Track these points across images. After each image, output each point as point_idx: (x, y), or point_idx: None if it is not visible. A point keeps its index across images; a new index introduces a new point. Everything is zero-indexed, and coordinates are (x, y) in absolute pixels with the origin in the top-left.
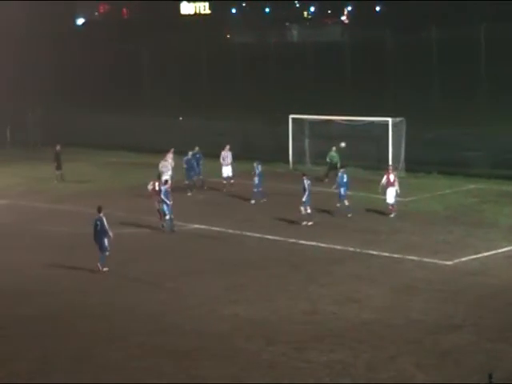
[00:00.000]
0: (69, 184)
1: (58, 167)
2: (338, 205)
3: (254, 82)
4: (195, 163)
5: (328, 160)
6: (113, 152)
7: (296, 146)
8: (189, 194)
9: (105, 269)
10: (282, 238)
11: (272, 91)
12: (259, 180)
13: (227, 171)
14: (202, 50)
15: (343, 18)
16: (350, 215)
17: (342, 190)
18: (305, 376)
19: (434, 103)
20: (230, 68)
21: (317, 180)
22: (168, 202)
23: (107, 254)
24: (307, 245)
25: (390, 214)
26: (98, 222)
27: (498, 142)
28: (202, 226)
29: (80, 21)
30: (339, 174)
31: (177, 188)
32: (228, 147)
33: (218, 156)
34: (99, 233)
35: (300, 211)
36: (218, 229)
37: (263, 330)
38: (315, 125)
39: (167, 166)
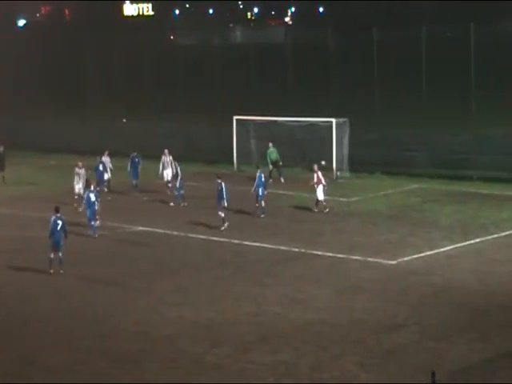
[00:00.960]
0: (10, 187)
1: (1, 168)
2: (257, 205)
3: (197, 84)
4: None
5: (268, 159)
6: (54, 155)
7: (240, 148)
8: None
9: (52, 271)
10: (226, 240)
11: (216, 92)
12: (180, 183)
13: (167, 174)
14: (146, 51)
15: (287, 19)
16: (263, 216)
17: (260, 191)
18: (250, 377)
19: (376, 104)
20: (174, 70)
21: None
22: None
23: (61, 254)
24: (251, 246)
25: (325, 210)
26: (59, 222)
27: (439, 142)
28: (146, 229)
29: (21, 22)
30: (257, 174)
31: (117, 189)
32: (167, 151)
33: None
34: (58, 232)
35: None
36: (162, 231)
37: (208, 332)
38: (260, 126)
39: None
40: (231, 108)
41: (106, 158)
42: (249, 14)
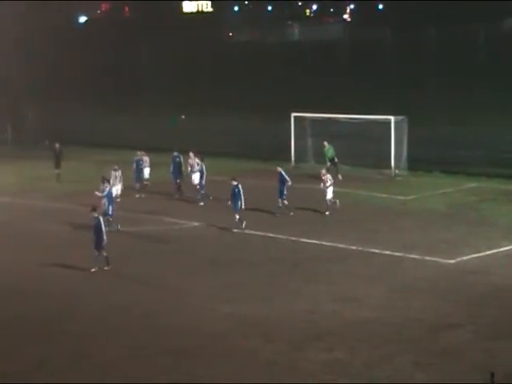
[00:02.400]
0: (66, 182)
1: (57, 166)
2: (280, 204)
3: (255, 81)
4: (174, 166)
5: (326, 157)
6: (111, 151)
7: (298, 145)
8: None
9: (93, 269)
10: (283, 236)
11: (273, 89)
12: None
13: (196, 178)
14: (204, 48)
15: (345, 16)
16: (278, 215)
17: (284, 189)
18: (303, 375)
19: (434, 102)
20: (232, 66)
21: (318, 178)
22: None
23: (105, 254)
24: (308, 243)
25: (326, 211)
26: (97, 222)
27: (497, 141)
28: (203, 224)
29: (82, 19)
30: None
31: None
32: (192, 155)
33: (218, 154)
34: (98, 231)
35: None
36: (219, 226)
37: (261, 329)
38: (317, 123)
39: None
40: (289, 105)
41: (145, 157)
42: (307, 11)
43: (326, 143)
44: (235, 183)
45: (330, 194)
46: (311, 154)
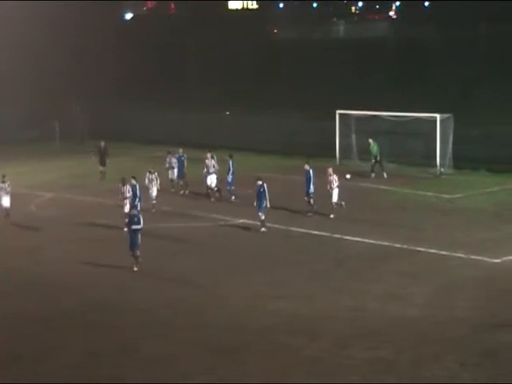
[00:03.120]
0: (113, 178)
1: (102, 164)
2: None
3: (300, 78)
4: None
5: (372, 154)
6: (158, 147)
7: (342, 142)
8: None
9: (135, 268)
10: (327, 234)
11: (318, 87)
12: (232, 178)
13: (211, 180)
14: (249, 45)
15: (391, 13)
16: (310, 214)
17: (311, 187)
18: (347, 373)
19: (481, 100)
20: (277, 63)
21: (363, 176)
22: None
23: (138, 253)
24: (353, 241)
25: (331, 214)
26: (136, 219)
27: None
28: (249, 221)
29: (128, 16)
30: (307, 169)
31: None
32: (209, 155)
33: (262, 152)
34: (135, 230)
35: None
36: (270, 224)
37: (306, 326)
38: (362, 120)
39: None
40: (333, 102)
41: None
42: (352, 8)
43: (371, 140)
44: (260, 183)
45: (335, 197)
46: (356, 151)
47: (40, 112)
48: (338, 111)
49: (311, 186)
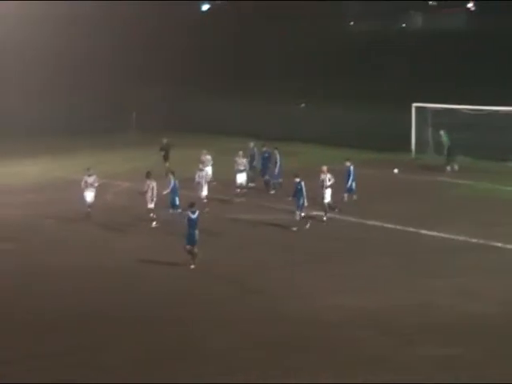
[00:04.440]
0: (191, 169)
1: (166, 159)
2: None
3: (374, 70)
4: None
5: (445, 147)
6: (234, 139)
7: (418, 135)
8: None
9: (192, 266)
10: (401, 227)
11: (394, 79)
12: (279, 171)
13: (241, 178)
14: (324, 36)
15: (469, 5)
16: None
17: (351, 184)
18: (415, 370)
19: None
20: (352, 55)
21: (437, 170)
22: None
23: (196, 250)
24: (427, 235)
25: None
26: (193, 216)
27: None
28: (319, 213)
29: (205, 7)
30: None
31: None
32: (241, 153)
33: (336, 144)
34: (192, 226)
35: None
36: (336, 216)
37: (373, 321)
38: (438, 113)
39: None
40: (409, 95)
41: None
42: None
43: (442, 132)
44: (298, 180)
45: (328, 197)
46: (432, 145)
47: (116, 103)
48: (414, 104)
49: (350, 183)
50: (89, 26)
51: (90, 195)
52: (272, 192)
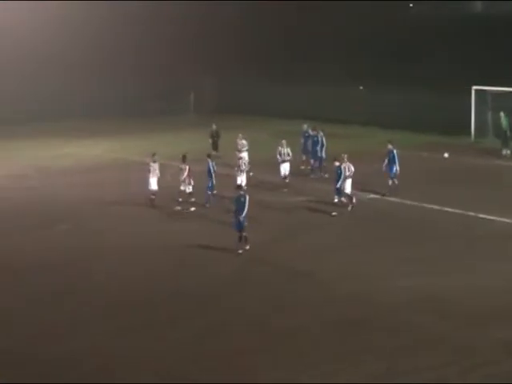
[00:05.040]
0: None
1: (215, 147)
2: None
3: (433, 53)
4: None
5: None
6: (288, 121)
7: (477, 119)
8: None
9: (240, 251)
10: (460, 211)
11: (452, 62)
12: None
13: (285, 169)
14: (383, 20)
15: None
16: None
17: (394, 168)
18: (477, 352)
19: None
20: (410, 38)
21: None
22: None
23: (244, 234)
24: (488, 219)
25: (347, 206)
26: (242, 199)
27: None
28: (378, 196)
29: None
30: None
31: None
32: (284, 142)
33: (394, 127)
34: (240, 210)
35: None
36: (395, 200)
37: (437, 304)
38: (499, 97)
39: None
40: (468, 78)
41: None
42: None
43: (502, 114)
44: (337, 164)
45: (348, 188)
46: (491, 128)
47: (173, 85)
48: (474, 87)
49: (394, 167)
50: (150, 10)
51: (154, 182)
52: (314, 175)
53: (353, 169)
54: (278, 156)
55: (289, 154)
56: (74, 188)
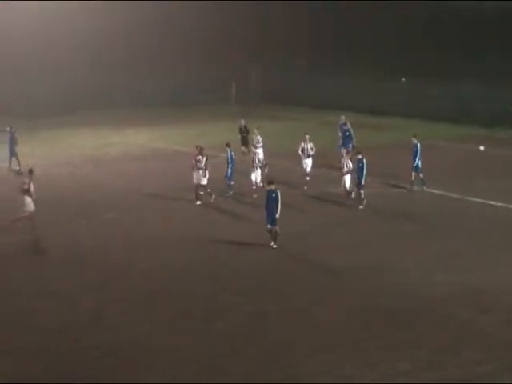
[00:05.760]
0: (284, 141)
1: (244, 143)
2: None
3: (479, 44)
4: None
5: None
6: (331, 112)
7: None
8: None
9: (274, 246)
10: (503, 205)
11: (500, 53)
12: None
13: (307, 164)
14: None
15: None
16: (416, 188)
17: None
18: None
19: None
20: (457, 30)
21: None
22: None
23: (277, 229)
24: None
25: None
26: (274, 194)
27: None
28: (420, 189)
29: None
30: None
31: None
32: (308, 137)
33: (437, 119)
34: (272, 205)
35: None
36: (439, 192)
37: (478, 299)
38: None
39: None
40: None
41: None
42: None
43: None
44: (360, 157)
45: (347, 182)
46: None
47: (215, 75)
48: None
49: (417, 160)
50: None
51: (197, 176)
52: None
53: (351, 165)
54: (300, 152)
55: (312, 149)
56: (121, 177)
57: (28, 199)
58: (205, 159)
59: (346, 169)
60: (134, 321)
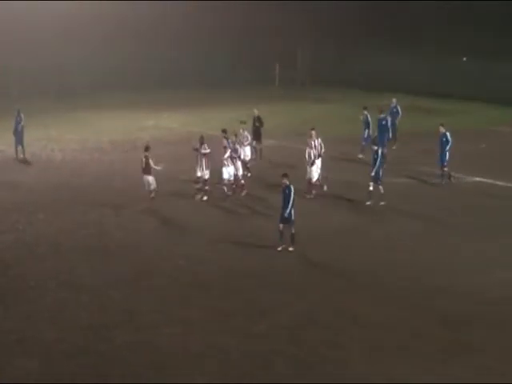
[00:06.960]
0: (341, 124)
1: (256, 137)
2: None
3: None
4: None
5: None
6: (381, 94)
7: None
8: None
9: (290, 248)
10: None
11: None
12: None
13: (311, 171)
14: None
15: None
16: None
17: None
18: None
19: None
20: None
21: None
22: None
23: (293, 231)
24: None
25: (310, 195)
26: (287, 191)
27: None
28: (484, 180)
29: None
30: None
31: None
32: (314, 133)
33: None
34: (286, 204)
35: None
36: (498, 183)
37: None
38: None
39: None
40: None
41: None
42: None
43: None
44: (375, 148)
45: (315, 172)
46: None
47: (259, 55)
48: None
49: (447, 152)
50: None
51: (225, 170)
52: (360, 156)
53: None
54: (307, 157)
55: (321, 147)
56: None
57: (150, 178)
58: (207, 152)
59: (312, 157)
60: (168, 320)
